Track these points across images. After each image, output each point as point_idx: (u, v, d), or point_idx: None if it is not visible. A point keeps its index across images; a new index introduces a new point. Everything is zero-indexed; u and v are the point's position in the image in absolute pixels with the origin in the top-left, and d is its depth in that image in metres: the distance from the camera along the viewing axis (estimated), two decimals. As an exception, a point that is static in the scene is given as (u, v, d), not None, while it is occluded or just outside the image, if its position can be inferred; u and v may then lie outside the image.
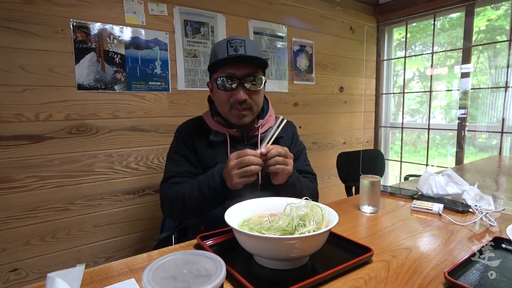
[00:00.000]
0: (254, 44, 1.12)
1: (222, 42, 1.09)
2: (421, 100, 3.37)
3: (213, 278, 0.44)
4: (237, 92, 1.09)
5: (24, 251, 1.64)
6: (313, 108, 2.81)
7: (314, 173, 1.32)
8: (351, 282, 0.68)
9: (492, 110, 2.73)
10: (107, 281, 0.70)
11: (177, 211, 1.12)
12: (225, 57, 1.06)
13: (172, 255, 0.49)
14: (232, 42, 1.07)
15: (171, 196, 1.10)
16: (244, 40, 1.08)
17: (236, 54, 1.06)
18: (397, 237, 0.92)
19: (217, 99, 1.17)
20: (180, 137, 1.22)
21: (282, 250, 0.68)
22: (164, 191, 1.15)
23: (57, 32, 1.61)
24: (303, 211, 0.78)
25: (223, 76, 1.08)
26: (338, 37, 2.95)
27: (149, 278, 0.43)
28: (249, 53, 1.07)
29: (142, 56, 1.86)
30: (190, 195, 1.05)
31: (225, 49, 1.07)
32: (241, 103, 1.10)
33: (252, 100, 1.12)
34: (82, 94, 1.71)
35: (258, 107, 1.18)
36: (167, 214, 1.19)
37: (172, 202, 1.10)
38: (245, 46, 1.07)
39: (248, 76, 1.09)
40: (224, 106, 1.13)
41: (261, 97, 1.18)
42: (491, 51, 2.76)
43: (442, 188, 1.26)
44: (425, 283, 0.67)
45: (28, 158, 1.60)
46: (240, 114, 1.12)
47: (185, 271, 0.45)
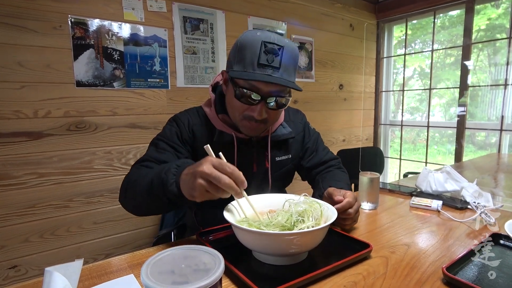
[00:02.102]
0: (293, 53, 0.92)
1: (256, 41, 0.89)
2: (420, 98, 3.37)
3: (212, 272, 0.44)
4: (256, 108, 0.92)
5: (23, 248, 1.64)
6: (312, 105, 2.81)
7: (337, 156, 1.26)
8: (350, 278, 0.68)
9: (491, 108, 2.73)
10: (106, 276, 0.70)
11: (128, 198, 0.90)
12: (254, 78, 0.88)
13: (170, 250, 0.49)
14: (268, 46, 0.88)
15: (131, 177, 0.90)
16: (283, 47, 0.89)
17: (268, 67, 0.88)
18: (395, 233, 0.92)
19: (230, 103, 0.99)
20: (177, 128, 1.04)
21: (281, 246, 0.68)
22: (129, 171, 0.94)
23: (55, 28, 1.61)
24: (301, 207, 0.78)
25: (245, 88, 0.90)
26: (338, 34, 2.95)
27: (147, 272, 0.43)
28: (284, 68, 0.90)
29: (141, 53, 1.85)
30: (142, 181, 0.83)
31: (257, 52, 0.88)
32: (257, 120, 0.94)
33: (269, 118, 0.97)
34: (81, 91, 1.70)
35: (273, 122, 1.03)
36: (120, 198, 0.93)
37: (128, 184, 0.89)
38: (281, 57, 0.88)
39: (274, 95, 0.92)
40: (236, 114, 0.97)
41: (280, 114, 1.03)
42: (491, 49, 2.76)
43: (441, 185, 1.26)
44: (423, 279, 0.67)
45: (27, 155, 1.60)
46: (252, 127, 0.97)
47: (184, 266, 0.45)
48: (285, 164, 1.15)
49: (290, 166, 1.17)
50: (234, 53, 0.94)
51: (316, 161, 1.20)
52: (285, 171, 1.16)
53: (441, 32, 3.05)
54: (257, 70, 0.88)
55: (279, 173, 1.14)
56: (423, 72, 3.31)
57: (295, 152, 1.18)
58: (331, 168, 1.21)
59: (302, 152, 1.21)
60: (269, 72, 0.88)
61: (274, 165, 1.11)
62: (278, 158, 1.12)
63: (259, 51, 0.88)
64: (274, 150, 1.10)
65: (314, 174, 1.20)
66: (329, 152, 1.27)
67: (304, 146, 1.21)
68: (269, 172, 1.09)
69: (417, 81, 3.40)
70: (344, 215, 0.88)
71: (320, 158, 1.21)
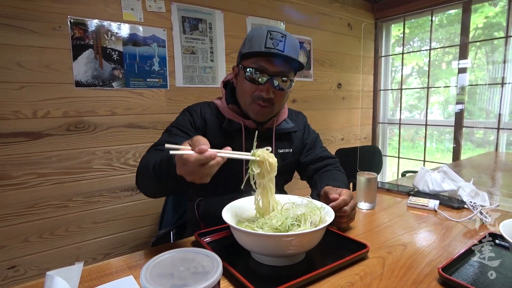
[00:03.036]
0: (294, 42, 1.06)
1: (262, 31, 1.03)
2: (419, 96, 3.37)
3: (210, 275, 0.44)
4: (264, 87, 1.04)
5: (22, 248, 1.64)
6: (311, 104, 2.81)
7: (335, 156, 1.31)
8: (347, 278, 0.69)
9: (489, 106, 2.74)
10: (106, 278, 0.70)
11: (141, 181, 0.95)
12: (262, 51, 1.01)
13: (169, 252, 0.50)
14: (273, 33, 1.02)
15: (144, 161, 0.95)
16: (286, 35, 1.03)
17: (273, 49, 1.01)
18: (393, 233, 0.93)
19: (240, 88, 1.10)
20: (190, 116, 1.13)
21: (278, 247, 0.69)
22: (143, 156, 0.99)
23: (55, 29, 1.61)
24: (300, 211, 0.78)
25: (254, 68, 1.03)
26: (336, 34, 2.95)
27: (146, 275, 0.44)
28: (287, 51, 1.02)
29: (140, 53, 1.86)
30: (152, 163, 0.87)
31: (263, 39, 1.01)
32: (265, 99, 1.05)
33: (276, 99, 1.07)
34: (80, 91, 1.70)
35: (279, 107, 1.14)
36: (137, 182, 0.98)
37: (141, 168, 0.94)
38: (285, 42, 1.02)
39: (280, 74, 1.04)
40: (246, 98, 1.08)
41: (285, 98, 1.14)
42: (488, 47, 2.77)
43: (438, 184, 1.27)
44: (420, 279, 0.68)
45: (26, 155, 1.60)
46: (260, 110, 1.08)
47: (182, 268, 0.46)
48: (286, 157, 1.22)
49: (291, 159, 1.24)
50: (243, 44, 1.09)
51: (313, 156, 1.26)
52: (286, 164, 1.23)
53: (439, 30, 3.06)
54: (264, 50, 1.01)
55: (281, 166, 1.17)
56: (421, 70, 3.31)
57: (296, 147, 1.25)
58: (329, 167, 1.23)
59: (301, 147, 1.28)
60: (275, 52, 1.00)
61: (277, 156, 1.14)
62: (281, 151, 1.20)
63: (265, 38, 1.01)
64: (277, 142, 1.19)
65: (311, 170, 1.24)
66: (327, 151, 1.32)
67: (303, 142, 1.29)
68: None
69: (416, 79, 3.41)
70: (339, 213, 0.89)
71: (317, 154, 1.27)
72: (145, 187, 0.95)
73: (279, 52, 1.00)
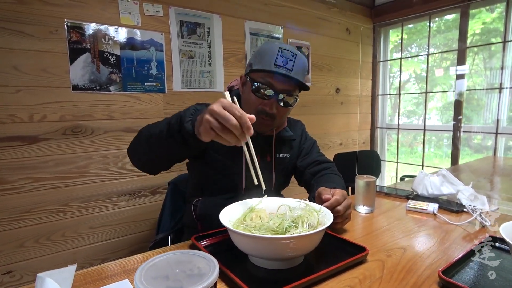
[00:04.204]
0: (303, 61, 1.09)
1: (274, 47, 1.06)
2: (417, 101, 3.38)
3: (206, 277, 0.43)
4: (268, 103, 1.06)
5: (18, 253, 1.62)
6: (309, 109, 2.81)
7: (331, 160, 1.32)
8: (346, 282, 0.68)
9: (487, 112, 2.75)
10: (101, 282, 0.69)
11: (140, 143, 0.99)
12: (271, 71, 1.03)
13: (165, 254, 0.49)
14: (284, 52, 1.04)
15: (147, 126, 1.00)
16: (296, 55, 1.05)
17: (282, 68, 1.03)
18: (392, 236, 0.92)
19: (246, 99, 1.13)
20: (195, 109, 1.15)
21: (276, 250, 0.68)
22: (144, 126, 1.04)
23: (52, 32, 1.60)
24: (297, 213, 0.77)
25: (261, 83, 1.05)
26: (334, 38, 2.96)
27: (141, 278, 0.43)
28: (295, 71, 1.04)
29: (138, 57, 1.85)
30: (158, 124, 0.93)
31: (274, 56, 1.04)
32: (268, 114, 1.07)
33: (278, 114, 1.10)
34: (77, 95, 1.70)
35: (281, 121, 1.17)
36: (129, 148, 1.04)
37: (143, 130, 0.99)
38: (294, 61, 1.04)
39: (285, 92, 1.06)
40: (250, 109, 1.09)
41: (287, 114, 1.17)
42: (486, 53, 2.78)
43: (437, 188, 1.27)
44: (419, 282, 0.67)
45: (22, 160, 1.59)
46: (261, 123, 1.09)
47: (178, 271, 0.45)
48: (284, 162, 1.24)
49: (288, 164, 1.26)
50: (254, 57, 1.11)
51: (309, 161, 1.27)
52: (284, 169, 1.25)
53: (437, 36, 3.07)
54: (273, 68, 1.02)
55: (279, 170, 1.23)
56: (419, 76, 3.33)
57: (294, 152, 1.28)
58: (326, 171, 1.23)
59: (298, 153, 1.30)
60: (284, 71, 1.02)
61: (276, 161, 1.21)
62: (279, 155, 1.23)
63: (276, 55, 1.03)
64: (277, 148, 1.22)
65: (308, 174, 1.24)
66: (324, 156, 1.33)
67: (300, 147, 1.31)
68: (273, 165, 1.20)
69: (413, 85, 3.42)
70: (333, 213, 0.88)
71: (313, 158, 1.28)
72: (141, 148, 0.99)
73: (287, 73, 1.02)
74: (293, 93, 1.08)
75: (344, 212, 0.91)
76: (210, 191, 1.18)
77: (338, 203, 0.90)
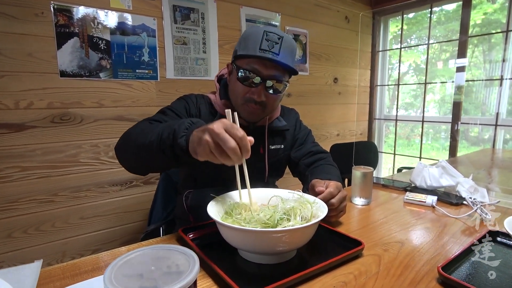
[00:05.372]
0: (291, 44, 1.02)
1: (259, 31, 0.99)
2: (415, 93, 3.34)
3: (184, 275, 0.39)
4: (256, 90, 1.00)
5: (6, 244, 1.58)
6: (306, 99, 2.76)
7: (326, 151, 1.28)
8: (340, 277, 0.64)
9: (484, 105, 2.71)
10: (80, 276, 0.65)
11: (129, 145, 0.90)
12: (255, 55, 0.97)
13: (141, 250, 0.44)
14: (270, 35, 0.97)
15: (138, 126, 0.92)
16: (282, 37, 0.99)
17: (268, 52, 0.96)
18: (389, 230, 0.89)
19: (232, 88, 1.07)
20: (186, 103, 1.10)
21: (267, 244, 0.64)
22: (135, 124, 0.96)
23: (37, 15, 1.53)
24: (290, 205, 0.73)
25: (247, 70, 0.99)
26: (333, 27, 2.89)
27: (111, 276, 0.38)
28: (282, 55, 0.98)
29: (129, 43, 1.79)
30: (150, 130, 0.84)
31: (259, 40, 0.97)
32: (257, 102, 1.01)
33: (268, 102, 1.04)
34: (65, 81, 1.64)
35: (272, 109, 1.10)
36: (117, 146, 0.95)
37: (132, 132, 0.91)
38: (281, 45, 0.97)
39: (273, 78, 1.00)
40: (238, 98, 1.05)
41: (278, 101, 1.11)
42: (485, 45, 2.74)
43: (436, 180, 1.23)
44: (418, 278, 0.63)
45: (8, 148, 1.54)
46: (251, 112, 1.04)
47: (153, 268, 0.41)
48: (278, 153, 1.20)
49: (282, 155, 1.21)
50: (239, 43, 1.05)
51: (304, 151, 1.23)
52: (278, 160, 1.20)
53: (437, 27, 3.01)
54: (258, 53, 0.96)
55: (272, 161, 1.18)
56: (418, 68, 3.28)
57: (288, 143, 1.23)
58: (321, 161, 1.19)
59: (292, 143, 1.25)
60: (270, 56, 0.96)
61: (268, 152, 1.17)
62: (272, 147, 1.18)
63: (261, 38, 0.97)
64: (269, 139, 1.17)
65: (302, 165, 1.20)
66: (319, 146, 1.28)
67: (294, 137, 1.26)
68: (265, 158, 1.15)
69: (412, 77, 3.37)
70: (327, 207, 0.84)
71: (308, 148, 1.24)
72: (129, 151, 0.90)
73: (274, 57, 0.96)
74: (282, 78, 1.02)
75: (339, 205, 0.87)
76: (202, 183, 1.15)
77: (332, 195, 0.85)
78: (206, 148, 0.65)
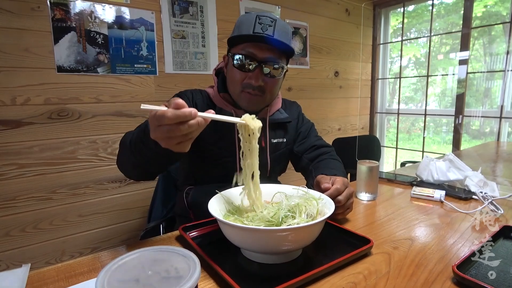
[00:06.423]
0: (285, 26, 1.00)
1: (251, 16, 0.98)
2: (415, 87, 3.30)
3: (184, 280, 0.36)
4: (253, 75, 0.98)
5: (3, 243, 1.56)
6: (307, 93, 2.72)
7: (330, 145, 1.24)
8: (349, 278, 0.61)
9: (486, 98, 2.68)
10: (76, 278, 0.62)
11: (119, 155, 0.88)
12: (249, 34, 0.95)
13: (138, 252, 0.41)
14: (262, 18, 0.96)
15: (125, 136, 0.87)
16: (276, 20, 0.97)
17: (262, 33, 0.94)
18: (397, 226, 0.85)
19: (230, 77, 1.05)
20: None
21: (271, 243, 0.61)
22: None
23: (33, 9, 1.50)
24: (294, 202, 0.70)
25: (242, 54, 0.97)
26: (334, 20, 2.85)
27: (103, 282, 0.35)
28: (277, 36, 0.95)
29: (127, 37, 1.75)
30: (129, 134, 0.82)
31: (252, 24, 0.96)
32: (255, 87, 0.99)
33: (267, 87, 1.01)
34: (63, 77, 1.60)
35: (271, 96, 1.07)
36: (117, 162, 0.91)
37: (121, 143, 0.87)
38: (274, 27, 0.96)
39: (270, 61, 0.98)
40: (235, 86, 1.02)
41: (277, 86, 1.07)
42: (486, 38, 2.70)
43: (443, 174, 1.20)
44: (431, 278, 0.60)
45: (5, 145, 1.51)
46: (250, 99, 1.01)
47: (151, 273, 0.37)
48: (280, 147, 1.16)
49: (285, 149, 1.18)
50: (233, 31, 1.04)
51: (307, 145, 1.20)
52: (280, 154, 1.17)
53: (437, 21, 2.97)
54: (251, 34, 0.95)
55: (274, 156, 1.15)
56: (418, 61, 3.24)
57: (290, 137, 1.20)
58: (325, 155, 1.16)
59: (295, 137, 1.22)
60: (264, 36, 0.95)
61: (270, 146, 1.13)
62: (274, 140, 1.14)
63: (254, 23, 0.96)
64: (271, 132, 1.13)
65: (306, 160, 1.17)
66: (322, 139, 1.25)
67: (297, 131, 1.23)
68: (267, 151, 1.11)
69: (412, 71, 3.33)
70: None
71: (311, 142, 1.21)
72: (122, 163, 0.88)
73: (268, 36, 0.94)
74: (278, 61, 0.99)
75: (346, 202, 0.83)
76: (202, 179, 1.12)
77: (339, 192, 0.82)
78: (162, 139, 0.60)
